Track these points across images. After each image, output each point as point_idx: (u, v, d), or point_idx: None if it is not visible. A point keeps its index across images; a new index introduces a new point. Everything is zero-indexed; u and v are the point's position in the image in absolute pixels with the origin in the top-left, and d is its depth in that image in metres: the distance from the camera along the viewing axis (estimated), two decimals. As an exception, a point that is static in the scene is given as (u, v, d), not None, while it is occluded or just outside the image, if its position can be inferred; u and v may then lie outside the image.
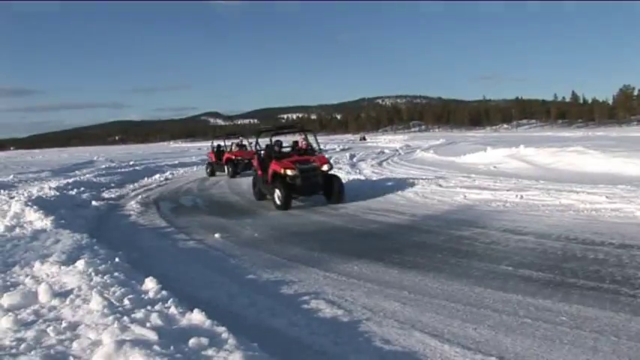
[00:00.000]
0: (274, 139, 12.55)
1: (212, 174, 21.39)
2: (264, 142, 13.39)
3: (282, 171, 10.79)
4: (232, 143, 22.24)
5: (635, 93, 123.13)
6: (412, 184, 12.13)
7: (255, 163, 12.93)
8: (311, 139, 12.55)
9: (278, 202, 10.61)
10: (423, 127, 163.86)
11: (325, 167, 11.12)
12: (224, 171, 20.69)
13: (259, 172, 12.16)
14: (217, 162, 21.57)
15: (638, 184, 10.10)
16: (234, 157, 20.64)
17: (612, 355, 3.36)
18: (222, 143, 23.15)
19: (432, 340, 3.73)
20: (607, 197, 8.74)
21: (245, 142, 22.04)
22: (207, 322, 3.64)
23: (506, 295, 4.61)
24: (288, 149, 12.60)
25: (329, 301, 4.68)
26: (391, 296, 4.78)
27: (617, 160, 14.31)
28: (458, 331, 3.88)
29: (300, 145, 12.38)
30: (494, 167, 16.95)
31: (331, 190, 10.96)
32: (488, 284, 4.96)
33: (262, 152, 12.58)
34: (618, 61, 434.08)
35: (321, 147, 12.67)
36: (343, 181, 11.87)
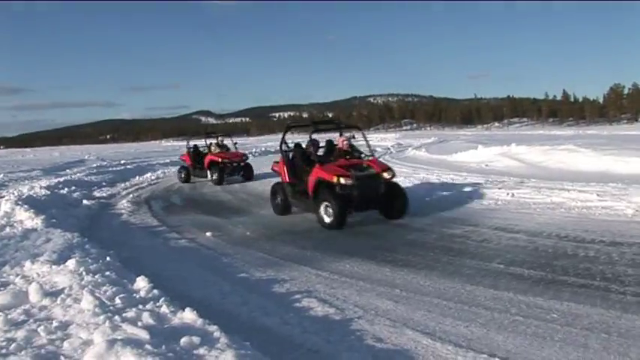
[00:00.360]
0: (296, 139, 10.17)
1: (187, 180, 17.97)
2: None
3: (334, 179, 8.28)
4: (211, 143, 18.24)
5: (626, 92, 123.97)
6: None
7: (280, 167, 10.15)
8: (356, 137, 10.26)
9: (327, 220, 8.18)
10: (415, 125, 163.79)
11: (387, 175, 8.59)
12: (204, 176, 17.42)
13: (286, 179, 9.79)
14: (195, 165, 18.10)
15: (628, 182, 10.18)
16: (220, 159, 16.92)
17: (603, 352, 3.39)
18: (200, 143, 19.60)
19: (424, 338, 3.74)
20: (598, 195, 8.81)
21: (227, 142, 18.68)
22: (199, 321, 3.63)
23: (497, 293, 4.64)
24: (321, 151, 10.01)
25: (321, 300, 4.69)
26: (383, 294, 4.80)
27: (607, 159, 14.41)
28: (450, 329, 3.90)
29: (340, 145, 9.64)
30: (486, 165, 16.98)
31: (392, 204, 8.53)
32: (479, 282, 4.99)
33: (292, 153, 10.21)
34: (609, 60, 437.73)
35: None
36: None
